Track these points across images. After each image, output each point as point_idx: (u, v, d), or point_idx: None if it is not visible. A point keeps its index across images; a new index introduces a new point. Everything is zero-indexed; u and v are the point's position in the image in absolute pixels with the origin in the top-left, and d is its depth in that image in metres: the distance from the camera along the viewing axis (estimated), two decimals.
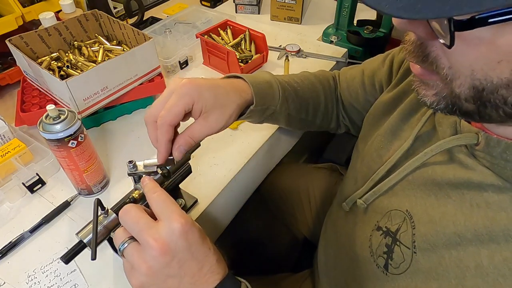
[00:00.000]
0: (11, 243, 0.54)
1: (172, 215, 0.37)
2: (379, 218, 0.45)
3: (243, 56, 0.86)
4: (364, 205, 0.48)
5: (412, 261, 0.39)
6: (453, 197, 0.37)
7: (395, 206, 0.43)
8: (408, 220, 0.41)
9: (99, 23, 0.82)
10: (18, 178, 0.60)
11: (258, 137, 0.72)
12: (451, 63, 0.29)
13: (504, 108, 0.28)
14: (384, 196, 0.46)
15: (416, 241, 0.39)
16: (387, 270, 0.42)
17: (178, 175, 0.57)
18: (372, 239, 0.45)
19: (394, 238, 0.42)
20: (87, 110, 0.67)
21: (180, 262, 0.37)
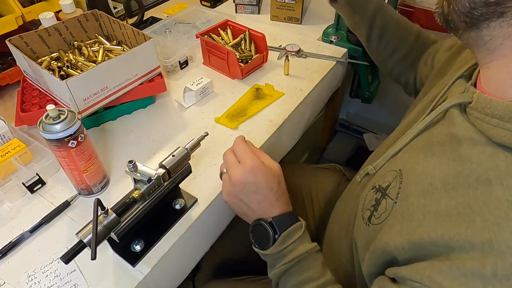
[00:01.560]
0: (11, 243, 0.54)
1: (246, 159, 0.53)
2: (377, 179, 0.49)
3: (243, 56, 0.86)
4: (374, 170, 0.52)
5: (392, 211, 0.42)
6: (437, 154, 0.40)
7: (392, 168, 0.47)
8: (398, 177, 0.44)
9: (99, 23, 0.82)
10: (18, 178, 0.60)
11: (258, 137, 0.72)
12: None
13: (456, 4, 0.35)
14: (390, 161, 0.49)
15: (399, 193, 0.42)
16: (369, 222, 0.46)
17: (178, 175, 0.57)
18: (366, 197, 0.49)
19: (384, 193, 0.45)
20: (87, 110, 0.67)
21: (248, 192, 0.52)
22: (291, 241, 0.51)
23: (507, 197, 0.32)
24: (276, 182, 0.53)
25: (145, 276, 0.51)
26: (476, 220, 0.33)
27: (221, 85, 0.85)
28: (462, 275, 0.31)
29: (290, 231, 0.51)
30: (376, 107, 1.42)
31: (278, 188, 0.53)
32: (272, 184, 0.53)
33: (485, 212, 0.32)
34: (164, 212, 0.58)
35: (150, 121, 0.76)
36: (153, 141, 0.71)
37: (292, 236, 0.51)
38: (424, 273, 0.34)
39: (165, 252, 0.54)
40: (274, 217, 0.52)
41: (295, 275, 0.51)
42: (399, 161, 0.47)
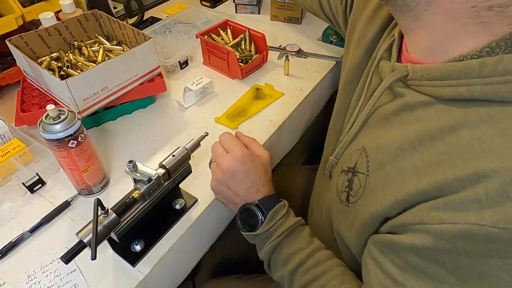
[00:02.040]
0: (11, 243, 0.54)
1: (234, 149, 0.56)
2: (343, 164, 0.51)
3: (243, 56, 0.86)
4: (335, 160, 0.54)
5: (366, 183, 0.44)
6: (395, 123, 0.43)
7: (354, 149, 0.49)
8: (363, 153, 0.46)
9: (99, 23, 0.82)
10: (18, 178, 0.60)
11: (258, 137, 0.72)
12: None
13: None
14: (349, 146, 0.52)
15: (369, 166, 0.44)
16: (348, 202, 0.47)
17: (178, 175, 0.57)
18: (338, 182, 0.51)
19: (353, 171, 0.47)
20: (87, 110, 0.67)
21: (237, 180, 0.55)
22: (277, 218, 0.54)
23: (474, 135, 0.34)
24: (263, 170, 0.57)
25: (145, 276, 0.51)
26: (456, 162, 0.34)
27: (221, 85, 0.85)
28: (458, 205, 0.33)
29: (275, 209, 0.55)
30: None
31: (265, 176, 0.57)
32: (259, 172, 0.56)
33: (462, 154, 0.35)
34: (164, 212, 0.58)
35: (150, 121, 0.76)
36: (153, 141, 0.71)
37: (278, 214, 0.55)
38: (421, 213, 0.36)
39: (165, 252, 0.54)
40: (260, 199, 0.56)
41: (284, 248, 0.53)
42: (359, 141, 0.49)
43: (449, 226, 0.33)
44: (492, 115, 0.34)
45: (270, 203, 0.55)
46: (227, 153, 0.57)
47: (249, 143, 0.60)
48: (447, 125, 0.37)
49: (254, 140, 0.61)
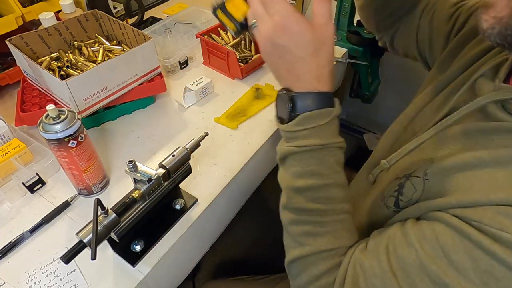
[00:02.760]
0: (11, 243, 0.54)
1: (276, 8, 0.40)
2: (399, 171, 0.47)
3: (243, 56, 0.86)
4: (387, 165, 0.49)
5: (424, 187, 0.41)
6: (480, 143, 0.40)
7: (419, 158, 0.45)
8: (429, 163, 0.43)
9: (99, 23, 0.82)
10: (18, 178, 0.60)
11: (258, 137, 0.72)
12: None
13: None
14: (408, 155, 0.47)
15: (428, 169, 0.41)
16: (398, 207, 0.44)
17: (178, 175, 0.57)
18: (385, 190, 0.47)
19: (408, 176, 0.44)
20: (87, 110, 0.67)
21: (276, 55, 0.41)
22: (309, 125, 0.42)
23: None
24: (311, 50, 0.40)
25: (145, 276, 0.51)
26: None
27: (221, 85, 0.85)
28: None
29: (311, 115, 0.42)
30: (376, 107, 1.42)
31: (312, 58, 0.41)
32: (303, 52, 0.40)
33: None
34: (164, 212, 0.58)
35: (150, 121, 0.76)
36: (153, 141, 0.71)
37: (312, 121, 0.42)
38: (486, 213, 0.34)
39: (165, 252, 0.54)
40: (299, 92, 0.42)
41: (303, 161, 0.44)
42: (426, 151, 0.46)
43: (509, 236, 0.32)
44: None
45: (310, 103, 0.42)
46: (266, 13, 0.41)
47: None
48: None
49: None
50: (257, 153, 0.70)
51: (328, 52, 0.42)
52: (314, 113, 0.42)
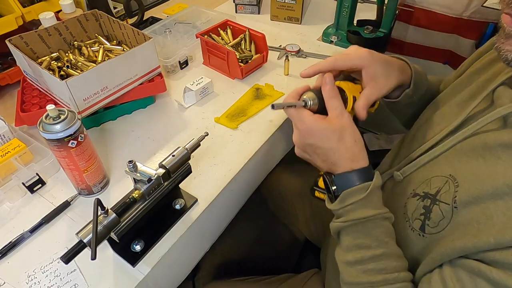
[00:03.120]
0: (11, 243, 0.54)
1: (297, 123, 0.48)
2: (415, 186, 0.47)
3: (243, 56, 0.86)
4: (401, 177, 0.50)
5: (453, 216, 0.40)
6: (503, 158, 0.38)
7: (436, 173, 0.45)
8: (451, 182, 0.42)
9: (99, 23, 0.82)
10: (18, 178, 0.60)
11: (258, 137, 0.72)
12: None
13: None
14: (423, 167, 0.47)
15: (457, 197, 0.40)
16: (424, 232, 0.43)
17: (178, 175, 0.57)
18: (407, 205, 0.46)
19: (433, 199, 0.43)
20: (87, 110, 0.67)
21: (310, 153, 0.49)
22: (350, 201, 0.46)
23: None
24: (336, 139, 0.46)
25: (145, 276, 0.51)
26: None
27: (221, 85, 0.85)
28: None
29: (350, 191, 0.46)
30: None
31: (339, 145, 0.46)
32: (329, 143, 0.47)
33: None
34: (164, 212, 0.58)
35: (150, 121, 0.76)
36: (153, 141, 0.71)
37: (352, 197, 0.46)
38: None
39: (165, 252, 0.54)
40: (337, 174, 0.47)
41: (350, 235, 0.47)
42: (444, 166, 0.45)
43: None
44: None
45: (347, 182, 0.46)
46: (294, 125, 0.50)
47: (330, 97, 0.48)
48: None
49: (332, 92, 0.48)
50: (257, 153, 0.70)
51: (351, 134, 0.47)
52: (353, 189, 0.46)
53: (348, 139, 0.46)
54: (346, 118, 0.47)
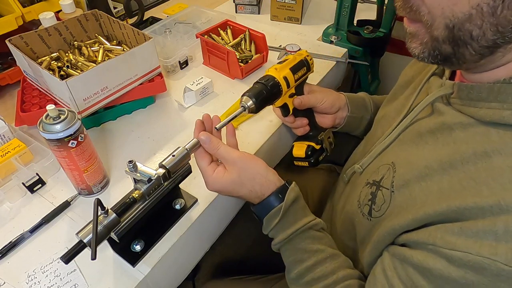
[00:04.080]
0: (11, 243, 0.54)
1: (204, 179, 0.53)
2: (369, 176, 0.50)
3: (243, 56, 0.86)
4: (361, 169, 0.54)
5: (391, 199, 0.44)
6: (430, 142, 0.43)
7: (383, 162, 0.49)
8: (392, 168, 0.46)
9: (99, 23, 0.82)
10: (18, 178, 0.60)
11: (258, 137, 0.72)
12: (428, 8, 0.36)
13: (472, 44, 0.35)
14: (377, 158, 0.52)
15: (394, 181, 0.44)
16: (370, 216, 0.47)
17: (178, 175, 0.57)
18: (361, 194, 0.50)
19: (378, 185, 0.47)
20: (87, 110, 0.67)
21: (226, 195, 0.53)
22: (270, 227, 0.52)
23: (508, 164, 0.34)
24: (238, 186, 0.51)
25: (145, 276, 0.51)
26: (482, 189, 0.34)
27: (221, 85, 0.85)
28: (474, 234, 0.33)
29: (268, 217, 0.52)
30: None
31: (241, 189, 0.51)
32: (236, 191, 0.52)
33: (489, 181, 0.34)
34: (164, 212, 0.58)
35: (150, 121, 0.76)
36: (153, 141, 0.71)
37: (270, 222, 0.52)
38: (436, 234, 0.36)
39: (165, 252, 0.54)
40: (254, 206, 0.53)
41: (285, 254, 0.53)
42: (389, 155, 0.49)
43: (460, 254, 0.33)
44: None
45: (263, 209, 0.52)
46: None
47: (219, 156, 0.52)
48: (482, 149, 0.36)
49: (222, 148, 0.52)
50: (257, 153, 0.70)
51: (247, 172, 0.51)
52: (269, 215, 0.51)
53: (246, 179, 0.51)
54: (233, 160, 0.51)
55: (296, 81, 0.64)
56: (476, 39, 0.34)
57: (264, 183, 0.51)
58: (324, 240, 0.52)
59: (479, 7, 0.32)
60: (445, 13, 0.34)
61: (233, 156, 0.51)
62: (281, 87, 0.61)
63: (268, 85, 0.59)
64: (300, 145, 0.70)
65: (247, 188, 0.51)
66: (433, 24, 0.36)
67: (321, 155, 0.70)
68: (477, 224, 0.33)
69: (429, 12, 0.36)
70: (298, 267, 0.51)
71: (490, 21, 0.33)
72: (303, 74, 0.65)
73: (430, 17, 0.36)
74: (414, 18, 0.38)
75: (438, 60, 0.39)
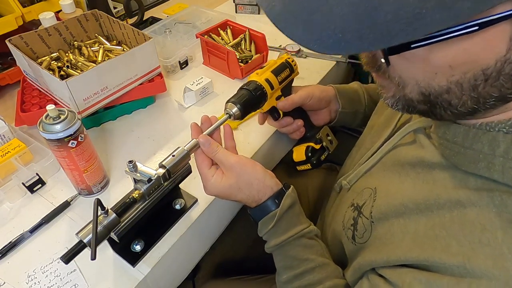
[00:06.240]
0: (11, 243, 0.54)
1: (203, 182, 0.52)
2: (355, 196, 0.50)
3: (243, 56, 0.86)
4: (348, 186, 0.54)
5: (372, 230, 0.44)
6: (411, 175, 0.42)
7: (368, 185, 0.48)
8: (373, 195, 0.46)
9: (99, 23, 0.82)
10: (18, 178, 0.60)
11: (258, 137, 0.72)
12: (398, 74, 0.33)
13: (450, 109, 0.33)
14: (363, 177, 0.51)
15: (372, 212, 0.44)
16: (354, 240, 0.47)
17: (178, 175, 0.57)
18: (345, 214, 0.51)
19: (359, 211, 0.47)
20: (87, 110, 0.67)
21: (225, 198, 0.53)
22: (264, 231, 0.52)
23: (480, 220, 0.33)
24: (235, 190, 0.51)
25: (145, 276, 0.51)
26: (451, 244, 0.33)
27: (221, 85, 0.85)
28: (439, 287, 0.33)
29: (263, 221, 0.52)
30: None
31: (238, 193, 0.51)
32: (234, 196, 0.52)
33: (460, 236, 0.33)
34: (164, 212, 0.58)
35: (150, 121, 0.76)
36: (153, 141, 0.71)
37: (265, 227, 0.52)
38: (405, 279, 0.36)
39: (165, 252, 0.54)
40: (251, 210, 0.54)
41: (277, 259, 0.53)
42: (373, 178, 0.49)
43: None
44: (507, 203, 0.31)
45: (260, 212, 0.52)
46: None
47: (217, 160, 0.52)
48: (457, 198, 0.35)
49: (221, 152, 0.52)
50: (257, 153, 0.70)
51: (243, 177, 0.51)
52: (264, 219, 0.51)
53: (243, 184, 0.51)
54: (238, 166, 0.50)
55: (281, 83, 0.63)
56: (455, 107, 0.32)
57: (261, 189, 0.51)
58: (315, 249, 0.52)
59: (458, 83, 0.30)
60: (419, 84, 0.32)
61: (231, 161, 0.51)
62: (264, 90, 0.59)
63: (251, 89, 0.58)
64: (299, 149, 0.69)
65: (245, 193, 0.51)
66: (405, 87, 0.33)
67: (323, 154, 0.69)
68: (443, 279, 0.33)
69: (400, 76, 0.33)
70: (288, 273, 0.51)
71: (470, 95, 0.30)
72: (286, 76, 0.64)
73: (402, 81, 0.33)
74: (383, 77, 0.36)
75: (414, 113, 0.36)
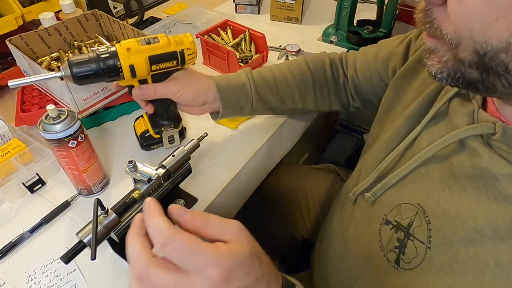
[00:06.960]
0: (11, 243, 0.54)
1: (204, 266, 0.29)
2: (387, 211, 0.45)
3: (243, 56, 0.86)
4: (373, 198, 0.47)
5: (426, 256, 0.39)
6: (468, 190, 0.36)
7: (405, 200, 0.43)
8: (421, 214, 0.40)
9: (99, 23, 0.82)
10: (18, 178, 0.60)
11: (258, 137, 0.72)
12: (453, 26, 0.29)
13: (506, 76, 0.28)
14: (392, 189, 0.45)
15: (432, 237, 0.38)
16: (398, 265, 0.42)
17: (178, 175, 0.57)
18: (381, 233, 0.45)
19: (407, 232, 0.41)
20: (87, 110, 0.67)
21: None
22: None
23: None
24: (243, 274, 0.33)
25: None
26: None
27: None
28: None
29: None
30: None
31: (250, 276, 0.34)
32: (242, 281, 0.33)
33: None
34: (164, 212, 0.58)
35: None
36: None
37: None
38: None
39: None
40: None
41: None
42: (410, 191, 0.43)
43: None
44: None
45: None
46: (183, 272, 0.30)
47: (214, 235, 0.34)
48: None
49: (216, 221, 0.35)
50: (257, 153, 0.70)
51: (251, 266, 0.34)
52: None
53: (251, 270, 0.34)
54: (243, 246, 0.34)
55: (154, 71, 0.53)
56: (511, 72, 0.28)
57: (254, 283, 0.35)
58: None
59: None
60: (474, 37, 0.28)
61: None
62: (121, 74, 0.50)
63: (104, 66, 0.47)
64: (141, 124, 0.67)
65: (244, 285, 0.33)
66: (459, 45, 0.29)
67: (156, 145, 0.67)
68: None
69: (454, 31, 0.29)
70: None
71: None
72: (168, 67, 0.54)
73: (455, 36, 0.29)
74: (434, 35, 0.32)
75: (460, 83, 0.32)
